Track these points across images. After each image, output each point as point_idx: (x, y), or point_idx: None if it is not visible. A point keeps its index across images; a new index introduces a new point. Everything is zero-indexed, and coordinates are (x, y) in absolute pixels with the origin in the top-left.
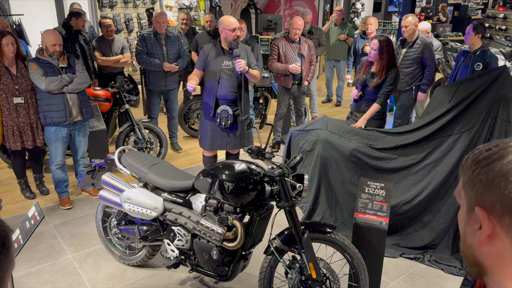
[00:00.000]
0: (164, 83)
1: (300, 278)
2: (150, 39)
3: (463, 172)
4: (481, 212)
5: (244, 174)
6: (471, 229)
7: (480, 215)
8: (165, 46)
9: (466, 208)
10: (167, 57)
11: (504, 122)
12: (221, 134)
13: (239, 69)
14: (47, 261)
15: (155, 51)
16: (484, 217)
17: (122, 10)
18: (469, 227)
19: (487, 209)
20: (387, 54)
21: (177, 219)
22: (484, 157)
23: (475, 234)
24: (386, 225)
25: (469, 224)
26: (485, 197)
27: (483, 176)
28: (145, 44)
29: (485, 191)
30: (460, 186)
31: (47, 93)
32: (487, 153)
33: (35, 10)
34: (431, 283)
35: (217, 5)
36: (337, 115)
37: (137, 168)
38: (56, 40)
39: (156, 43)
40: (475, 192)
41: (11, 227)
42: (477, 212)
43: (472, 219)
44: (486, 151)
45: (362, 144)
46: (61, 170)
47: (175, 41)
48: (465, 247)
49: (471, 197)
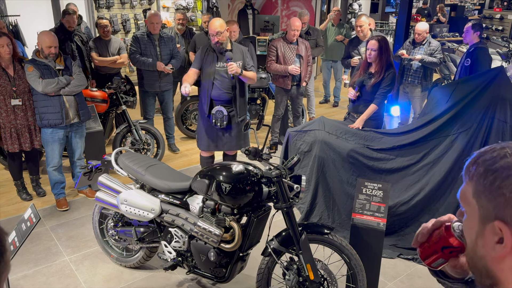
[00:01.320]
0: (158, 84)
1: (297, 280)
2: (144, 40)
3: (473, 179)
4: (503, 227)
5: (242, 175)
6: (487, 242)
7: (503, 230)
8: (159, 47)
9: (480, 219)
10: (161, 57)
11: (501, 122)
12: (217, 135)
13: (230, 72)
14: (44, 263)
15: (148, 52)
16: (507, 233)
17: (119, 11)
18: (483, 238)
19: (509, 224)
20: (386, 53)
21: (174, 220)
22: (502, 167)
23: (493, 248)
24: (383, 226)
25: (483, 235)
26: (508, 212)
27: (506, 190)
28: (139, 44)
29: (508, 205)
30: (469, 192)
31: (43, 95)
32: (504, 162)
33: (32, 11)
34: (429, 283)
35: (214, 6)
36: (334, 115)
37: (134, 169)
38: (52, 42)
39: (150, 43)
40: (495, 204)
41: (6, 229)
42: (498, 226)
43: (489, 231)
44: (501, 158)
45: (360, 145)
46: (58, 171)
47: (168, 42)
48: (476, 257)
49: (487, 209)
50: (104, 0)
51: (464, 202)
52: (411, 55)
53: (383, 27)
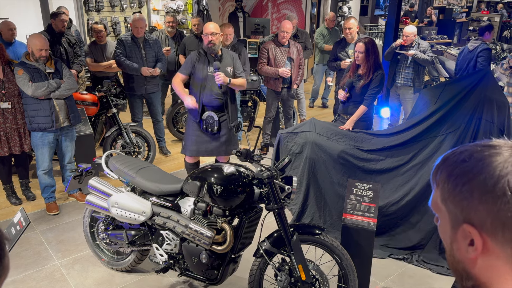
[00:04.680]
0: (144, 87)
1: (289, 280)
2: (128, 43)
3: (439, 185)
4: (472, 230)
5: (233, 177)
6: (460, 246)
7: (472, 233)
8: (144, 50)
9: (451, 224)
10: (146, 60)
11: (489, 123)
12: (206, 140)
13: (218, 81)
14: (34, 268)
15: (133, 55)
16: (476, 235)
17: (109, 14)
18: (456, 243)
19: (477, 226)
20: (373, 55)
21: (165, 223)
22: (462, 171)
23: (466, 250)
24: (374, 225)
25: (456, 239)
26: (474, 215)
27: (467, 193)
28: (124, 47)
29: (472, 208)
30: (437, 199)
31: (33, 98)
32: (464, 166)
33: (21, 14)
34: (420, 283)
35: (204, 9)
36: (325, 117)
37: (125, 172)
38: (43, 45)
39: (134, 46)
40: (461, 209)
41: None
42: (467, 229)
43: (460, 235)
44: (461, 162)
45: (350, 146)
46: (48, 175)
47: (153, 45)
48: (455, 261)
49: (455, 214)
50: (94, 3)
51: (435, 208)
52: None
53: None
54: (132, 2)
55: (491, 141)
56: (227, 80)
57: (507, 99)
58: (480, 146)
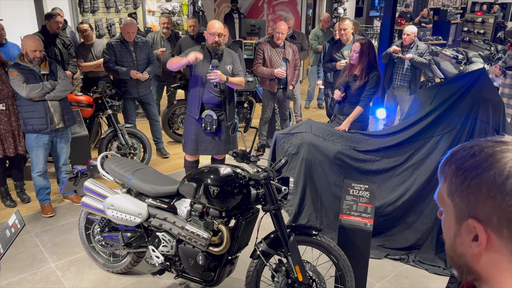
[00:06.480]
0: (136, 90)
1: (286, 281)
2: (118, 47)
3: (447, 179)
4: (477, 225)
5: (229, 178)
6: (464, 240)
7: (477, 228)
8: (134, 53)
9: (455, 218)
10: (137, 63)
11: (484, 123)
12: (206, 139)
13: (212, 80)
14: (29, 270)
15: (124, 59)
16: (481, 231)
17: (104, 15)
18: (460, 237)
19: (482, 222)
20: (368, 56)
21: (161, 224)
22: (471, 165)
23: (470, 245)
24: (370, 226)
25: (460, 234)
26: (480, 210)
27: (475, 188)
28: (113, 52)
29: (479, 204)
30: (444, 192)
31: (27, 100)
32: (473, 161)
33: (15, 15)
34: (416, 283)
35: (200, 10)
36: (321, 118)
37: (121, 173)
38: (37, 46)
39: (125, 50)
40: (467, 203)
41: None
42: (472, 224)
43: (464, 230)
44: (471, 157)
45: (346, 147)
46: (43, 177)
47: (144, 47)
48: (456, 256)
49: (461, 208)
50: (89, 4)
51: (440, 202)
52: (401, 54)
53: (368, 31)
54: (127, 3)
55: (503, 137)
56: (224, 79)
57: (502, 99)
58: (491, 141)
